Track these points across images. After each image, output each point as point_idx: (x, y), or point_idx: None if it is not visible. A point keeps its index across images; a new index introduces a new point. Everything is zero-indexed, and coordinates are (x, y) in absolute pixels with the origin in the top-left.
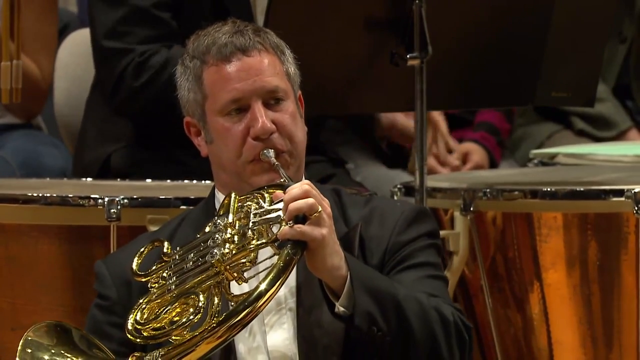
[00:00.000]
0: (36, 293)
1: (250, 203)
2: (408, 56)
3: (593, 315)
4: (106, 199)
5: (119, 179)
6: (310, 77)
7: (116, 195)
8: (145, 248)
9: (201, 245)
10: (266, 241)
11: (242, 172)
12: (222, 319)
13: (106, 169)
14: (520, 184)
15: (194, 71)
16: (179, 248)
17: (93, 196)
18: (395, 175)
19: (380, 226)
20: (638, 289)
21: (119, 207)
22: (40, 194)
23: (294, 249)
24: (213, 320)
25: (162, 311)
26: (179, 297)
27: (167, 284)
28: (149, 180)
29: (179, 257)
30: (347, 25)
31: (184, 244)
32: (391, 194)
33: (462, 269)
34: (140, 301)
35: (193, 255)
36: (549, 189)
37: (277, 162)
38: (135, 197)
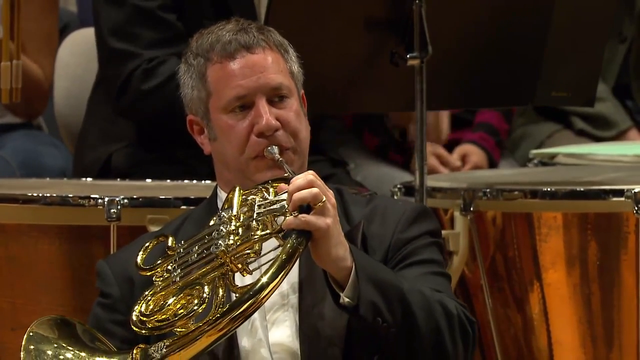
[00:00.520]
0: (36, 293)
1: (255, 196)
2: (408, 56)
3: (593, 314)
4: (106, 199)
5: (119, 179)
6: (311, 76)
7: (116, 195)
8: (150, 243)
9: (206, 238)
10: (271, 232)
11: (246, 168)
12: (225, 310)
13: (107, 168)
14: (520, 183)
15: (198, 69)
16: (184, 241)
17: (93, 196)
18: (396, 175)
19: (382, 224)
20: (638, 288)
21: (119, 207)
22: (40, 194)
23: (298, 239)
24: (218, 311)
25: (166, 303)
26: (184, 289)
27: (171, 276)
28: (149, 180)
29: (183, 250)
30: (347, 25)
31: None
32: (391, 193)
33: (462, 268)
34: (145, 293)
35: (198, 247)
36: (549, 189)
37: (281, 158)
38: (135, 197)
